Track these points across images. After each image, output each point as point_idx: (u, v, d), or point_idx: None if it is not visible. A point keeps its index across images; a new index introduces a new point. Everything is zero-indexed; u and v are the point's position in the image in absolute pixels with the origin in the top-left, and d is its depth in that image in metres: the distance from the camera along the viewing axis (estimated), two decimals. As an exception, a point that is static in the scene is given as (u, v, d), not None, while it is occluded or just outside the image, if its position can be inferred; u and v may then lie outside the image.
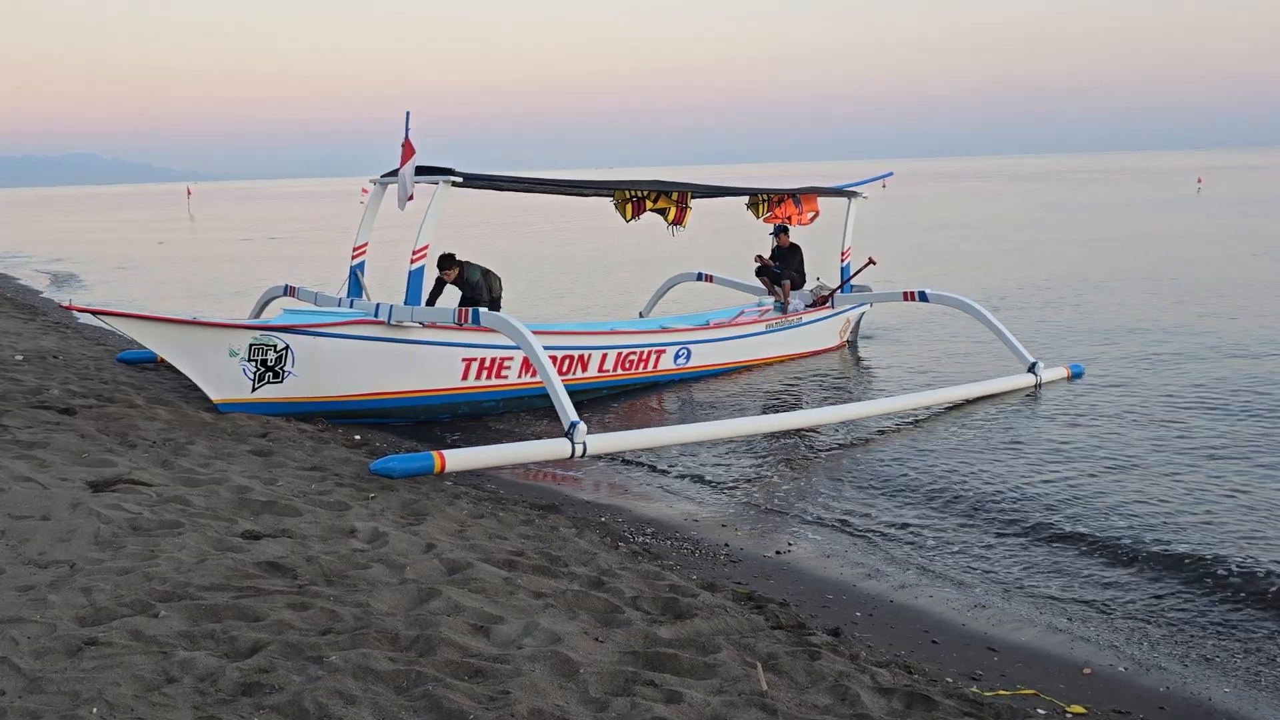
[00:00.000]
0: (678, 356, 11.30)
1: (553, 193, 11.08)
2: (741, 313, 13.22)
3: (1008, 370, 10.94)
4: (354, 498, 6.35)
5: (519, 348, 9.12)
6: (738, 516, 7.19)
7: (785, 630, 4.79)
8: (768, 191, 12.78)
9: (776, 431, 9.13)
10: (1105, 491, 7.25)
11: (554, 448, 7.71)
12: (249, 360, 8.64)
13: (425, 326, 9.25)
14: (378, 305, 9.27)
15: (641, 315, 14.16)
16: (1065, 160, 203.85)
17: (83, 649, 3.77)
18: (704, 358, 11.58)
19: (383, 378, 9.20)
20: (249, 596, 4.42)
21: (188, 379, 8.83)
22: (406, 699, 3.62)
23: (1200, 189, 56.82)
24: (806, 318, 12.78)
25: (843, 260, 13.30)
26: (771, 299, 13.38)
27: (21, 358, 10.50)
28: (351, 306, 9.71)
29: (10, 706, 3.34)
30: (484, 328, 9.03)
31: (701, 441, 8.71)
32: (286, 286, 11.06)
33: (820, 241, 15.08)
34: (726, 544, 6.55)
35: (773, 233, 13.39)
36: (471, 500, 6.80)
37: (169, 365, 9.22)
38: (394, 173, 9.45)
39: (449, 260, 10.27)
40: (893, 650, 4.91)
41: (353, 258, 10.38)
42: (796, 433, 9.23)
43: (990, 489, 7.45)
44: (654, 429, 8.85)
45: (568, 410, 7.78)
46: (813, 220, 13.14)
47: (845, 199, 13.39)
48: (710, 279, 14.54)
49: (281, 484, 6.48)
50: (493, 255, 11.12)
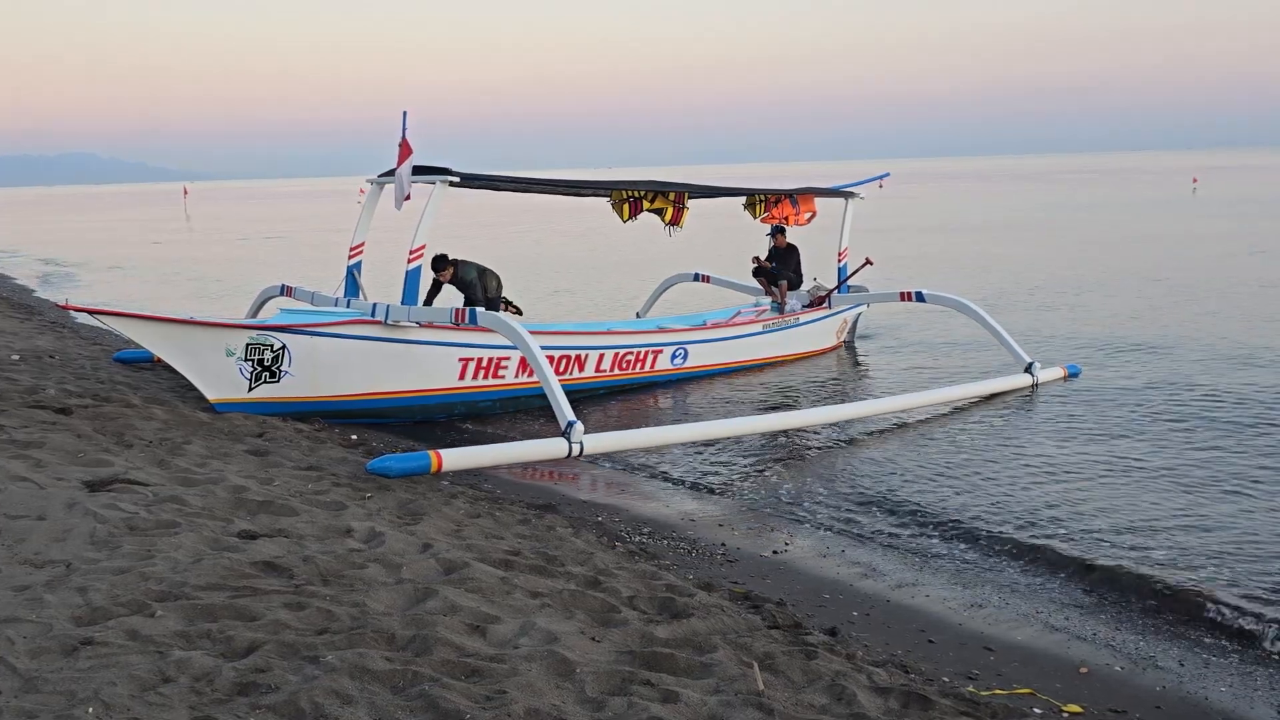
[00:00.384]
0: (675, 357, 11.30)
1: (550, 193, 11.09)
2: (738, 313, 13.23)
3: (1005, 370, 10.96)
4: (350, 497, 6.35)
5: (516, 348, 9.12)
6: (734, 516, 7.19)
7: (782, 630, 4.80)
8: (765, 192, 12.79)
9: (773, 431, 9.13)
10: (1102, 492, 7.26)
11: (551, 447, 7.71)
12: (245, 360, 8.64)
13: (422, 326, 9.24)
14: (374, 305, 9.27)
15: (639, 316, 14.15)
16: (1063, 160, 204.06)
17: (79, 649, 3.76)
18: (701, 358, 11.58)
19: (379, 377, 9.20)
20: (245, 596, 4.42)
21: (184, 379, 8.83)
22: (403, 699, 3.62)
23: (1196, 189, 56.89)
24: (803, 318, 12.79)
25: (840, 260, 13.31)
26: (768, 299, 13.39)
27: (18, 357, 10.48)
28: (348, 306, 9.70)
29: (6, 706, 3.34)
30: (481, 327, 9.03)
31: (698, 441, 8.71)
32: (283, 286, 11.05)
33: (817, 242, 15.08)
34: (723, 543, 6.55)
35: (770, 233, 13.40)
36: (468, 500, 6.79)
37: (165, 365, 9.22)
38: (391, 172, 9.45)
39: (443, 261, 10.25)
40: (889, 649, 4.91)
41: (350, 257, 10.37)
42: (793, 433, 9.23)
43: (987, 489, 7.46)
44: (651, 429, 8.85)
45: (564, 410, 7.78)
46: (810, 221, 13.15)
47: (842, 199, 13.40)
48: (707, 279, 14.54)
49: (278, 484, 6.47)
50: (490, 255, 11.11)
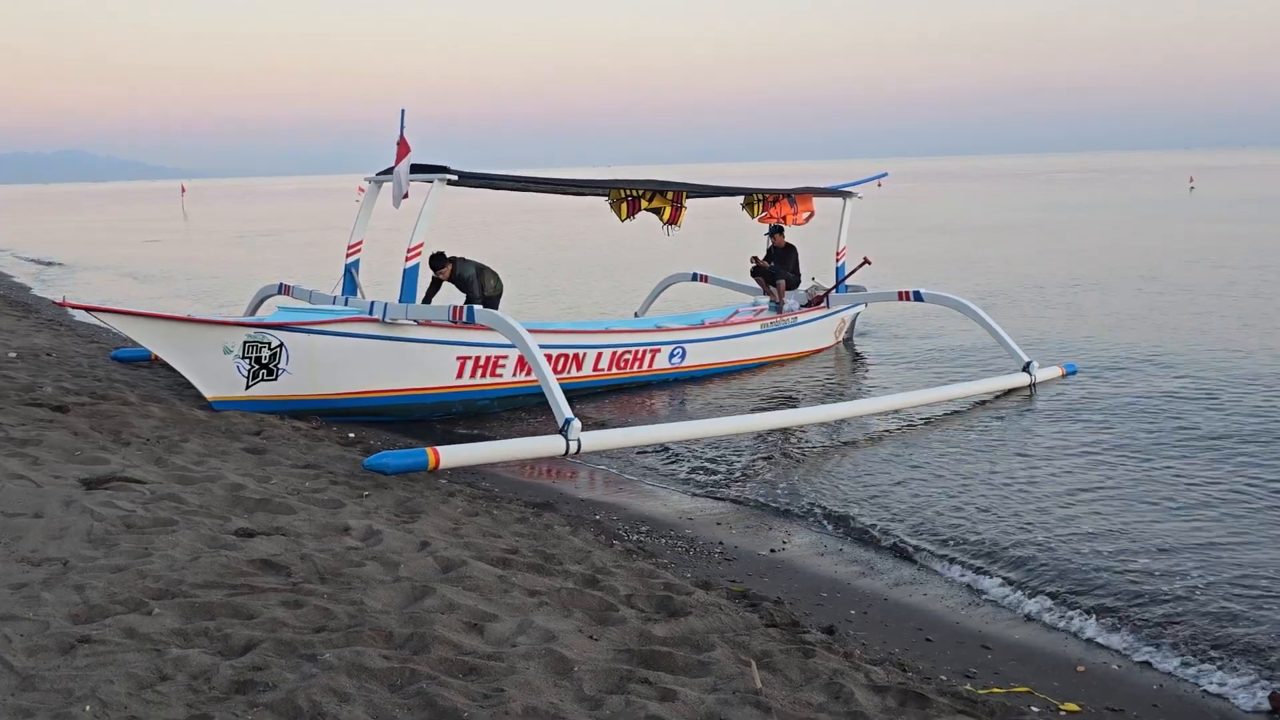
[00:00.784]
0: (672, 356, 11.30)
1: (548, 192, 11.08)
2: (736, 312, 13.22)
3: (1003, 369, 10.96)
4: (348, 495, 6.34)
5: (514, 346, 9.11)
6: (732, 515, 7.19)
7: (779, 628, 4.80)
8: (763, 191, 12.79)
9: (771, 430, 9.14)
10: (1099, 490, 7.27)
11: (548, 444, 7.71)
12: (243, 358, 8.63)
13: (420, 324, 9.24)
14: (372, 303, 9.27)
15: (637, 315, 14.15)
16: (1061, 160, 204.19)
17: (76, 647, 3.76)
18: (699, 357, 11.58)
19: (377, 376, 9.19)
20: (243, 594, 4.42)
21: (182, 376, 8.82)
22: (400, 697, 3.62)
23: (1193, 188, 56.94)
24: (801, 317, 12.79)
25: (838, 260, 13.31)
26: (766, 299, 13.39)
27: (15, 355, 10.47)
28: (346, 304, 9.69)
29: (3, 704, 3.34)
30: (479, 325, 9.03)
31: (696, 439, 8.70)
32: (281, 284, 11.04)
33: (816, 241, 15.08)
34: (721, 542, 6.55)
35: (768, 233, 13.40)
36: (466, 498, 6.79)
37: (163, 363, 9.21)
38: (389, 171, 9.44)
39: (440, 259, 10.22)
40: (887, 648, 4.92)
41: (347, 256, 10.37)
42: (791, 431, 9.24)
43: (984, 488, 7.47)
44: (648, 426, 8.85)
45: (562, 407, 7.78)
46: (808, 220, 13.15)
47: (840, 199, 13.40)
48: (705, 279, 14.54)
49: (275, 482, 6.47)
50: (488, 254, 11.10)
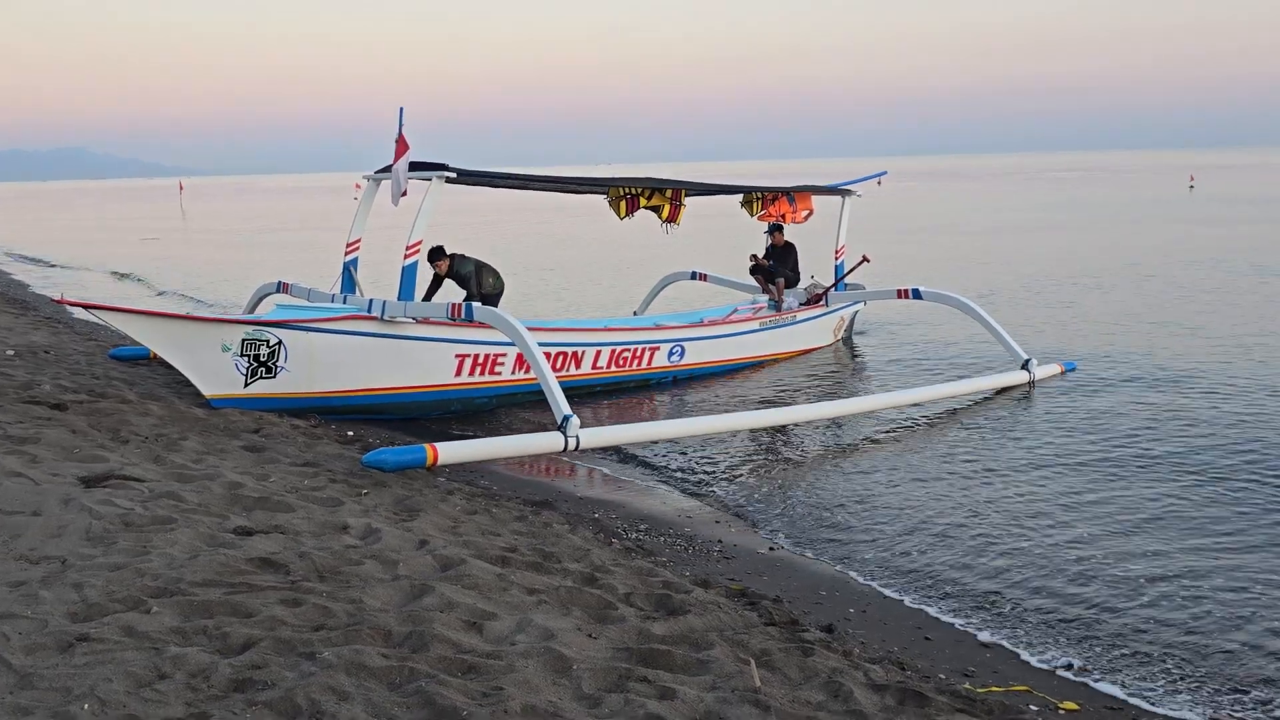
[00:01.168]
0: (671, 354, 11.30)
1: (547, 190, 11.08)
2: (735, 310, 13.23)
3: (1002, 367, 10.97)
4: (347, 494, 6.34)
5: (512, 344, 9.11)
6: (730, 513, 7.19)
7: (778, 627, 4.80)
8: (762, 189, 12.79)
9: (770, 427, 9.14)
10: (1097, 489, 7.28)
11: (547, 441, 7.71)
12: (242, 355, 8.62)
13: (419, 322, 9.23)
14: (371, 301, 9.26)
15: (636, 313, 14.15)
16: (1060, 158, 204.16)
17: (74, 645, 3.75)
18: (698, 355, 11.57)
19: (376, 373, 9.19)
20: (241, 592, 4.41)
21: (180, 374, 8.81)
22: (399, 695, 3.61)
23: (1193, 187, 56.95)
24: (800, 315, 12.79)
25: (837, 258, 13.31)
26: (766, 297, 13.39)
27: (13, 353, 10.46)
28: (345, 302, 9.69)
29: (1, 702, 3.33)
30: (478, 323, 9.02)
31: (694, 436, 8.70)
32: (280, 283, 11.03)
33: (814, 240, 15.08)
34: (719, 540, 6.55)
35: (767, 231, 13.40)
36: (464, 496, 6.79)
37: (161, 361, 9.20)
38: (388, 168, 9.44)
39: (439, 253, 10.20)
40: (885, 647, 4.92)
41: (346, 253, 10.36)
42: (789, 429, 9.24)
43: (983, 486, 7.47)
44: (647, 423, 8.86)
45: (561, 403, 7.79)
46: (807, 219, 13.15)
47: (839, 197, 13.41)
48: (705, 278, 14.55)
49: (274, 480, 6.47)
50: (488, 252, 11.10)
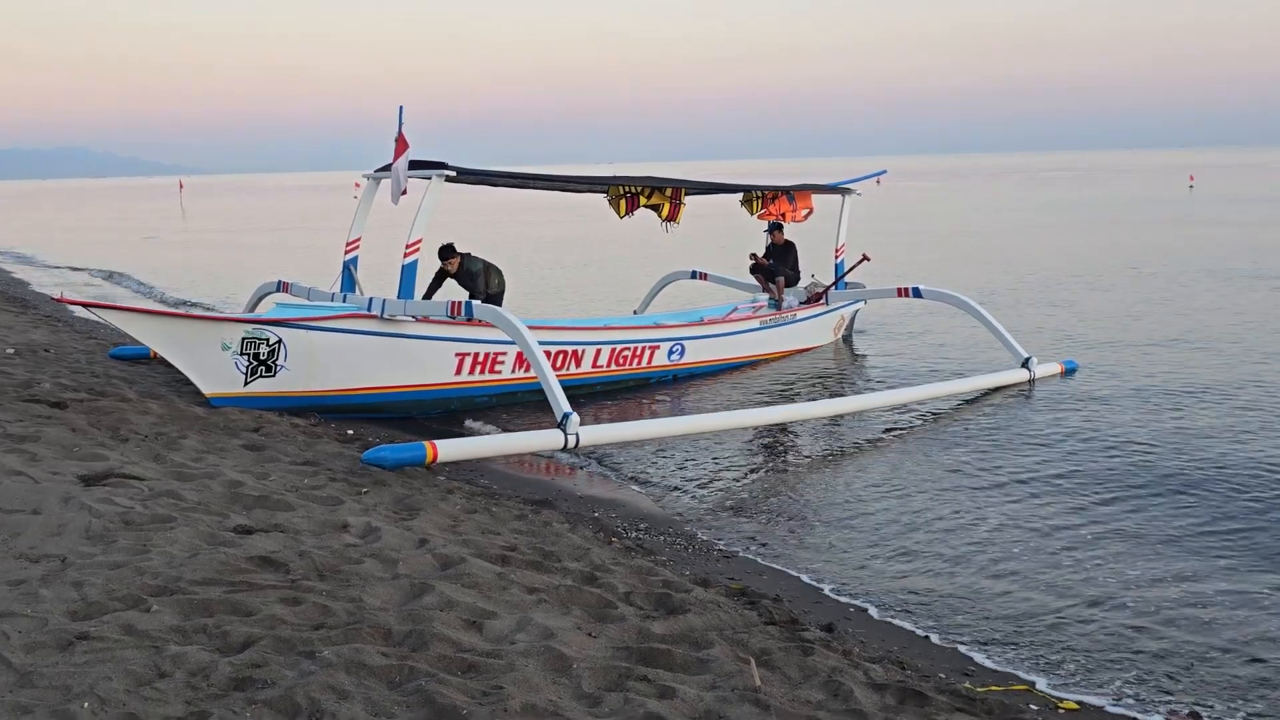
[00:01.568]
0: (671, 352, 11.30)
1: (547, 188, 11.08)
2: (735, 309, 13.23)
3: (1002, 366, 10.96)
4: (346, 492, 6.34)
5: (512, 342, 9.11)
6: (730, 511, 7.19)
7: (778, 626, 4.80)
8: (762, 188, 12.79)
9: (770, 425, 9.13)
10: (1097, 487, 7.27)
11: (547, 438, 7.71)
12: (241, 354, 8.62)
13: (419, 321, 9.23)
14: (371, 299, 9.26)
15: (636, 312, 14.15)
16: (1060, 157, 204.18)
17: (74, 643, 3.75)
18: (697, 354, 11.57)
19: (376, 372, 9.18)
20: (241, 591, 4.41)
21: (180, 373, 8.81)
22: (399, 694, 3.61)
23: (1192, 186, 56.94)
24: (800, 314, 12.79)
25: (837, 257, 13.31)
26: (765, 296, 13.39)
27: (12, 351, 10.46)
28: (345, 301, 9.69)
29: (2, 701, 3.33)
30: (478, 322, 9.02)
31: (694, 435, 8.69)
32: (280, 281, 11.03)
33: (815, 239, 15.07)
34: (719, 539, 6.55)
35: (767, 230, 13.40)
36: (464, 495, 6.79)
37: (161, 359, 9.20)
38: (388, 167, 9.44)
39: (449, 250, 10.22)
40: (885, 646, 4.92)
41: (346, 252, 10.36)
42: (789, 427, 9.24)
43: (982, 485, 7.47)
44: (647, 421, 8.85)
45: (560, 401, 7.79)
46: (807, 217, 13.15)
47: (839, 196, 13.41)
48: (705, 276, 14.55)
49: (274, 478, 6.46)
50: (487, 251, 11.09)
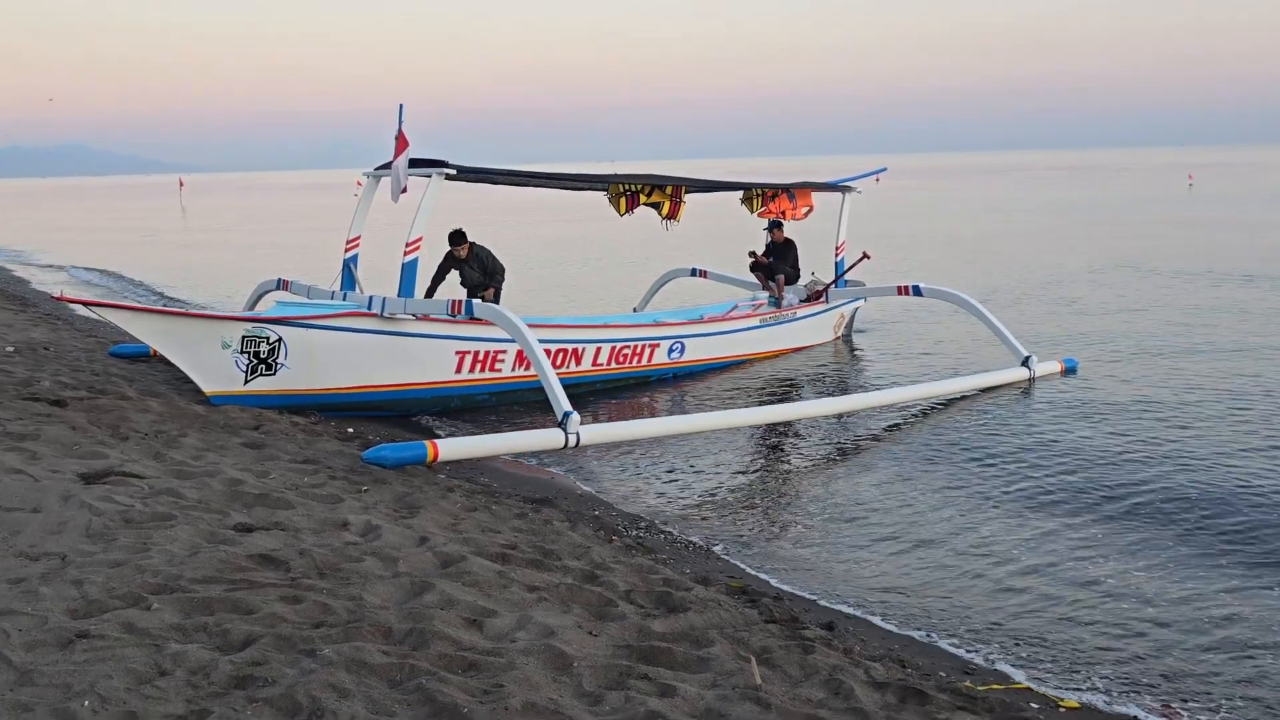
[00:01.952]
0: (671, 351, 11.29)
1: (547, 186, 11.07)
2: (735, 307, 13.22)
3: (1002, 364, 10.96)
4: (347, 490, 6.33)
5: (512, 341, 9.10)
6: (731, 510, 7.19)
7: (779, 624, 4.79)
8: (762, 186, 12.78)
9: (769, 424, 9.13)
10: (1097, 486, 7.27)
11: (548, 437, 7.71)
12: (241, 352, 8.62)
13: (418, 319, 9.23)
14: (371, 298, 9.25)
15: (636, 310, 14.15)
16: (1060, 156, 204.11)
17: (74, 641, 3.75)
18: (698, 352, 11.57)
19: (376, 370, 9.18)
20: (241, 589, 4.41)
21: (180, 371, 8.81)
22: (400, 692, 3.61)
23: (1191, 185, 56.93)
24: (800, 312, 12.78)
25: (837, 255, 13.30)
26: (765, 294, 13.39)
27: (12, 349, 10.46)
28: (345, 299, 9.68)
29: (2, 699, 3.33)
30: (478, 320, 9.01)
31: (695, 433, 8.69)
32: (280, 280, 11.03)
33: (815, 237, 15.07)
34: (719, 537, 6.55)
35: (767, 228, 13.40)
36: (465, 494, 6.78)
37: (161, 358, 9.20)
38: (388, 165, 9.43)
39: (460, 236, 10.33)
40: (886, 644, 4.92)
41: (346, 250, 10.36)
42: (789, 425, 9.23)
43: (983, 484, 7.47)
44: (647, 420, 8.85)
45: (561, 400, 7.78)
46: (807, 215, 13.14)
47: (840, 194, 13.40)
48: (704, 274, 14.55)
49: (274, 477, 6.46)
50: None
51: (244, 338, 8.60)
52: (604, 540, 6.11)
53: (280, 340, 8.70)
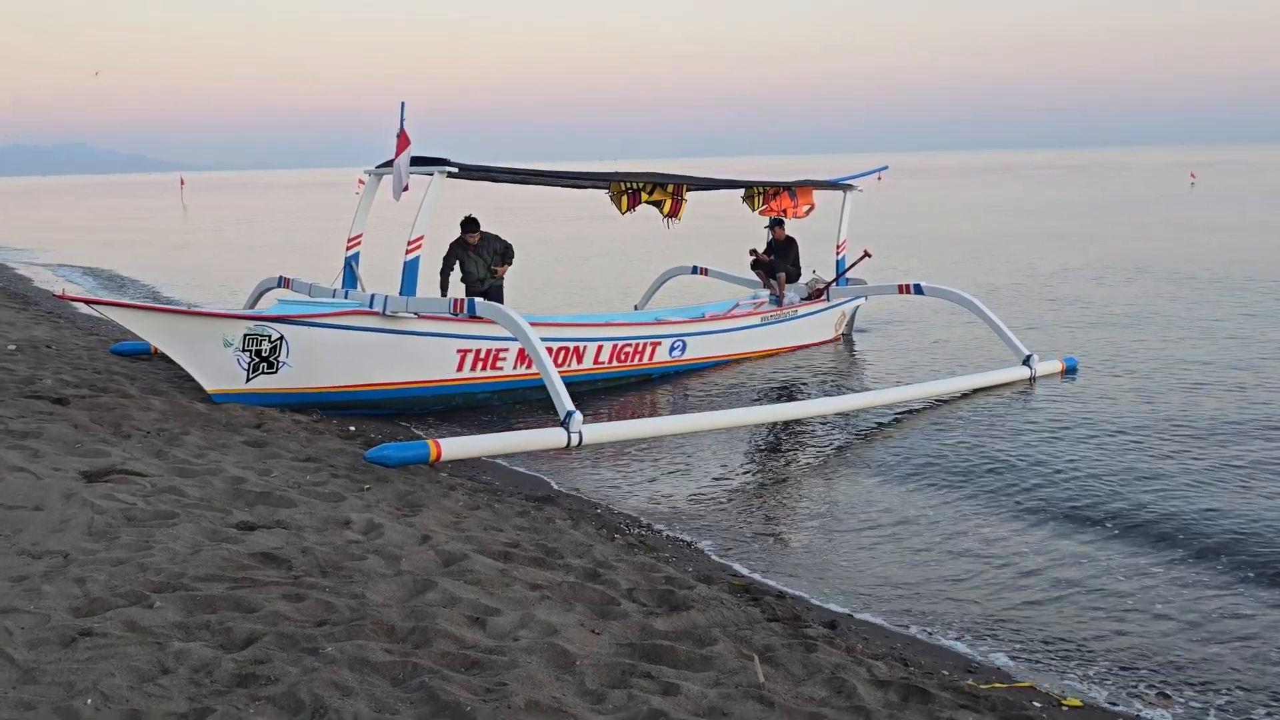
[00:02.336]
0: (673, 349, 11.29)
1: (548, 184, 11.07)
2: (736, 305, 13.22)
3: (1003, 363, 10.95)
4: (349, 489, 6.33)
5: (514, 339, 9.10)
6: (733, 508, 7.19)
7: (781, 622, 4.79)
8: (763, 184, 12.77)
9: (771, 422, 9.13)
10: (1098, 485, 7.26)
11: (550, 437, 7.70)
12: (243, 350, 8.62)
13: (420, 317, 9.23)
14: (372, 296, 9.25)
15: (637, 308, 14.15)
16: (1060, 155, 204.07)
17: (77, 640, 3.75)
18: (699, 350, 11.57)
19: (377, 369, 9.18)
20: (244, 587, 4.41)
21: (182, 369, 8.81)
22: (403, 691, 3.61)
23: (1193, 184, 56.90)
24: (802, 310, 12.78)
25: (838, 253, 13.30)
26: (767, 292, 13.39)
27: (14, 348, 10.46)
28: (346, 297, 9.68)
29: (4, 697, 3.33)
30: (480, 318, 9.01)
31: (696, 432, 8.69)
32: (281, 278, 11.03)
33: (816, 235, 15.07)
34: (722, 536, 6.55)
35: (768, 226, 13.39)
36: (467, 492, 6.78)
37: (163, 356, 9.20)
38: (389, 163, 9.43)
39: (473, 223, 10.37)
40: (889, 643, 4.91)
41: (347, 249, 10.36)
42: (791, 424, 9.23)
43: (984, 483, 7.46)
44: (649, 419, 8.84)
45: (563, 399, 7.78)
46: (808, 213, 13.14)
47: (841, 192, 13.40)
48: (706, 272, 14.55)
49: (276, 475, 6.46)
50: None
51: (246, 336, 8.60)
52: (606, 538, 6.11)
53: (282, 339, 8.70)
